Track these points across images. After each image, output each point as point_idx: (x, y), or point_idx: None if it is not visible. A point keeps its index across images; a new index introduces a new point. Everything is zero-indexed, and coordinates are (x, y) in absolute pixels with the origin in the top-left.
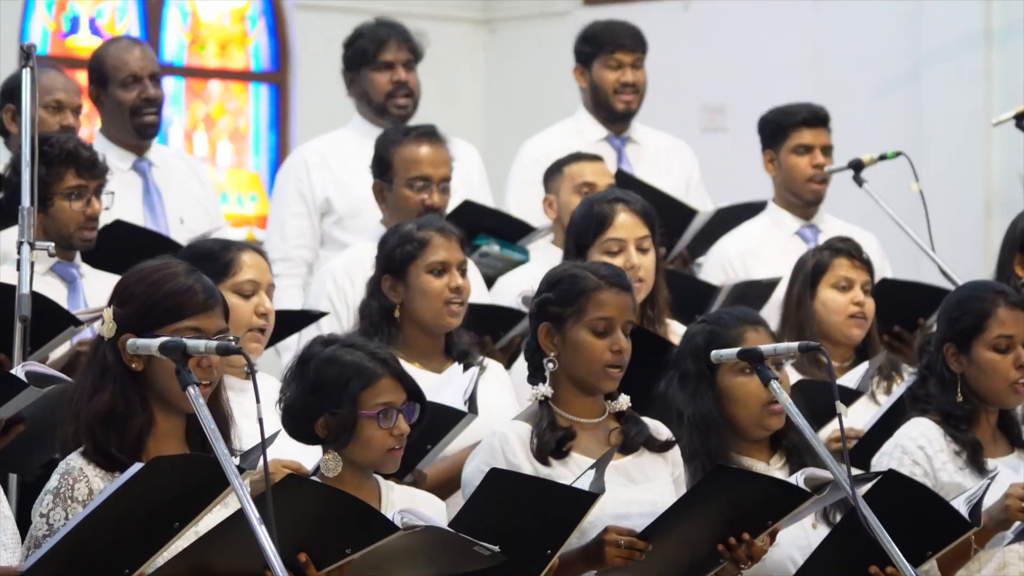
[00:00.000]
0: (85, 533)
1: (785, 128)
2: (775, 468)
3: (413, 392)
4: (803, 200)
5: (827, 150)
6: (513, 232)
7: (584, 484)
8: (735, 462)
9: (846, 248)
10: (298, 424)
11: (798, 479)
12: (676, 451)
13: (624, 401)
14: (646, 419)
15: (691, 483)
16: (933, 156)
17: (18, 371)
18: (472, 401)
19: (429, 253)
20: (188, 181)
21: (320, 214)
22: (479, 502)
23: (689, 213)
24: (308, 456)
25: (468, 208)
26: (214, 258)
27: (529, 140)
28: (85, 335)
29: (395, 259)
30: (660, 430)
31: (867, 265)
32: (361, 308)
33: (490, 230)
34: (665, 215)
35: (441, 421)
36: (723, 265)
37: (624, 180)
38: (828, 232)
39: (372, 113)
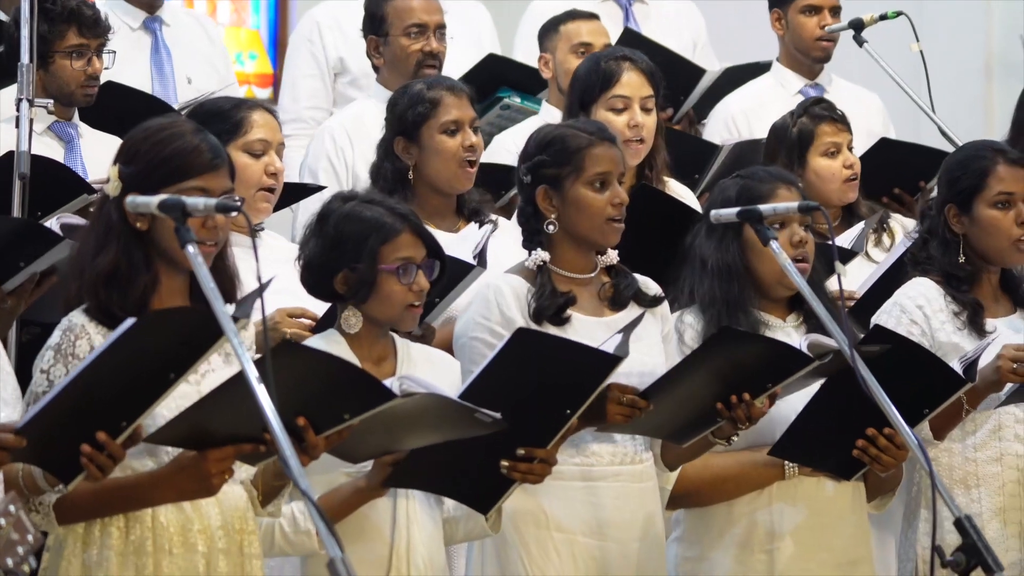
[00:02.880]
0: (81, 387)
1: None
2: (790, 326)
3: (433, 248)
4: (810, 58)
5: (835, 11)
6: (533, 85)
7: (609, 347)
8: (752, 315)
9: (827, 113)
10: (317, 281)
11: (802, 344)
12: (665, 307)
13: (613, 255)
14: (637, 276)
15: (704, 330)
16: (934, 16)
17: (52, 223)
18: (482, 255)
19: (441, 113)
20: (198, 40)
21: (333, 75)
22: (504, 361)
23: (697, 72)
24: (319, 308)
25: (492, 61)
26: (224, 117)
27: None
28: None
29: (407, 121)
30: (649, 285)
31: (846, 123)
32: (373, 171)
33: (512, 83)
34: (672, 74)
35: (450, 274)
36: (727, 123)
37: (631, 38)
38: (832, 92)
39: None
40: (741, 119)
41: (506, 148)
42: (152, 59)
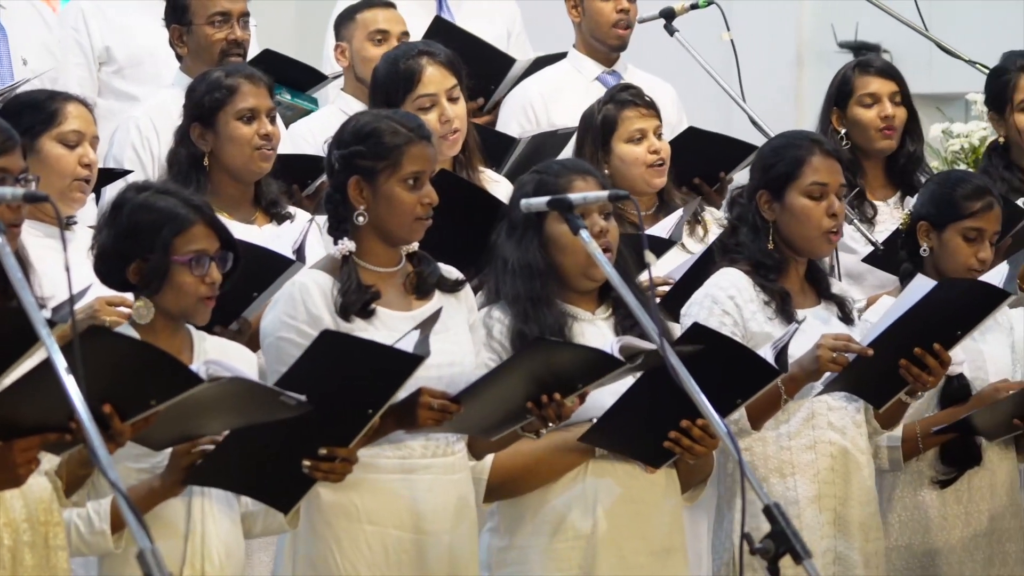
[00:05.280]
0: None
1: None
2: (600, 318)
3: (227, 241)
4: (607, 46)
5: None
6: (305, 81)
7: (408, 345)
8: (558, 308)
9: (631, 98)
10: (110, 270)
11: (614, 346)
12: (471, 296)
13: (414, 244)
14: (440, 264)
15: (512, 325)
16: (745, 5)
17: None
18: (300, 251)
19: (238, 100)
20: (33, 25)
21: (99, 64)
22: (307, 361)
23: (507, 62)
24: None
25: (267, 57)
26: (39, 107)
27: None
28: None
29: (204, 107)
30: (451, 271)
31: (654, 109)
32: (169, 157)
33: (283, 79)
34: (482, 64)
35: (268, 268)
36: (524, 108)
37: (439, 28)
38: (629, 79)
39: None
40: (539, 104)
41: (303, 137)
42: None
